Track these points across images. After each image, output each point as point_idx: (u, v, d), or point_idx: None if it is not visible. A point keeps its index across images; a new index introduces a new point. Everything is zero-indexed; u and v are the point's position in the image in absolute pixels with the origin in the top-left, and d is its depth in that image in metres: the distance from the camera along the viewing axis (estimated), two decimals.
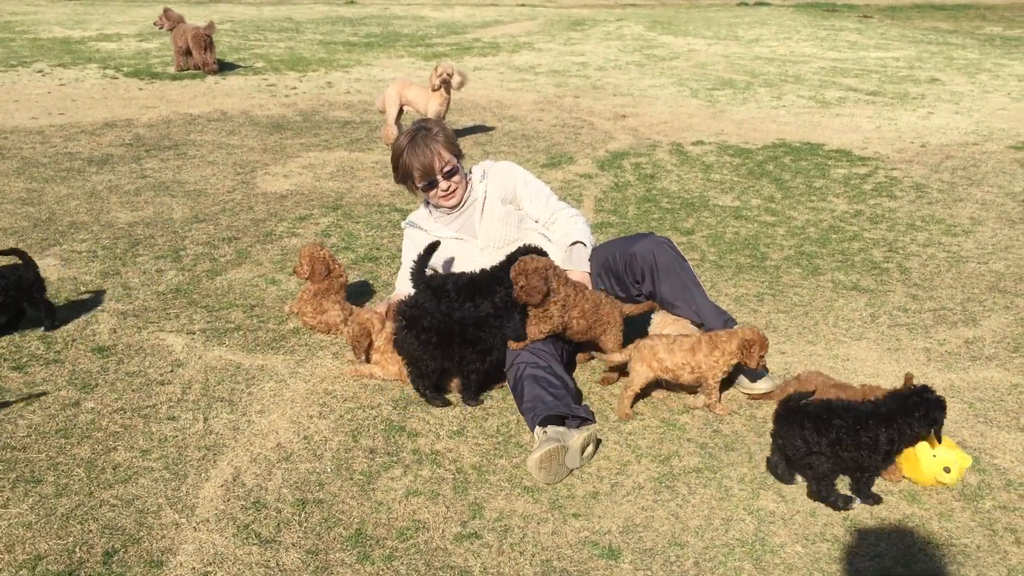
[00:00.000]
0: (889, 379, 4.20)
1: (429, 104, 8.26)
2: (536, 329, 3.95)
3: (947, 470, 3.33)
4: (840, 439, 3.22)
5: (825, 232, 6.22)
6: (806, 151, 8.39)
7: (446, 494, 3.35)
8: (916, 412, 3.25)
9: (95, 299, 4.98)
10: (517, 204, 4.51)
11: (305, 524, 3.17)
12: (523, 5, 23.55)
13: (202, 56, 12.17)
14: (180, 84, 11.60)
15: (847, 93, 11.28)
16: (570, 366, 4.29)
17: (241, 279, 5.30)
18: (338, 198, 6.87)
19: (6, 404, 3.86)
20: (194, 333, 4.60)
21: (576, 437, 3.47)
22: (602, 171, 7.67)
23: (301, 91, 11.25)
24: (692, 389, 4.04)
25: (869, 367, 4.33)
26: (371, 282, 5.30)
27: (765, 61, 13.87)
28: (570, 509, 3.28)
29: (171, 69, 12.59)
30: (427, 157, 4.29)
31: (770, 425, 3.75)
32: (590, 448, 3.55)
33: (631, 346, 3.98)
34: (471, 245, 4.42)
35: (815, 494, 3.31)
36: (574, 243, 4.40)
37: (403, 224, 4.71)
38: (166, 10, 12.61)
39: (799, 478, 3.42)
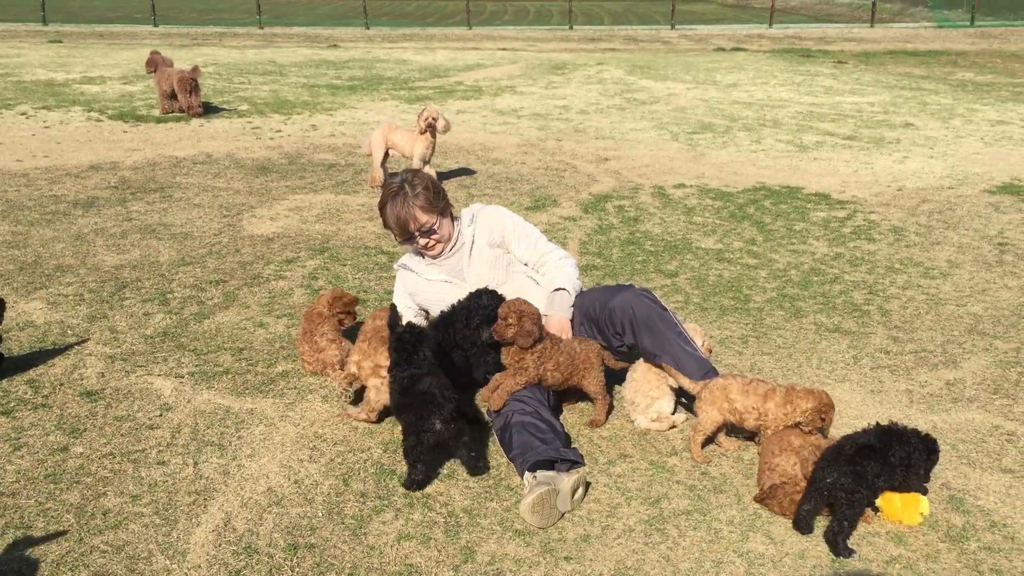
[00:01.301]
0: (872, 421, 4.24)
1: (415, 147, 8.35)
2: (512, 381, 3.99)
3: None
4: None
5: (806, 275, 6.32)
6: (786, 194, 8.52)
7: (438, 538, 3.36)
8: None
9: (82, 343, 4.98)
10: (506, 248, 4.57)
11: (297, 569, 3.17)
12: (504, 49, 23.86)
13: (187, 99, 12.25)
14: (165, 127, 11.66)
15: (824, 137, 11.49)
16: (556, 409, 4.31)
17: (229, 322, 5.32)
18: (325, 241, 6.91)
19: None
20: (182, 377, 4.60)
21: (566, 480, 3.50)
22: (586, 214, 7.77)
23: (286, 134, 11.33)
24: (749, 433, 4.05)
25: (853, 409, 4.39)
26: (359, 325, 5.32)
27: (743, 105, 14.10)
28: (561, 552, 3.30)
29: (156, 112, 12.65)
30: (403, 218, 4.38)
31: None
32: (580, 491, 3.58)
33: (700, 384, 4.00)
34: (461, 289, 4.47)
35: (838, 534, 3.30)
36: (557, 289, 4.46)
37: (395, 266, 4.77)
38: (153, 53, 12.71)
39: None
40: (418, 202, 4.35)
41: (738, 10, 44.04)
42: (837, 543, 3.29)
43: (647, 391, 4.17)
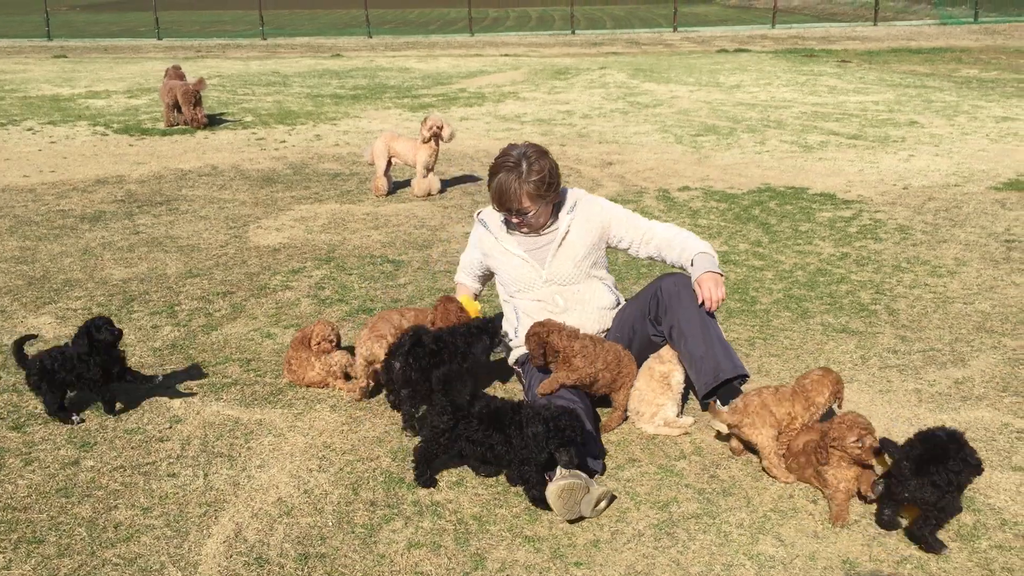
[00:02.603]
0: (881, 421, 4.25)
1: (418, 155, 8.38)
2: (563, 375, 4.02)
3: None
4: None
5: (813, 275, 6.31)
6: (791, 195, 8.52)
7: (448, 545, 3.37)
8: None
9: None
10: (607, 238, 4.47)
11: None
12: (507, 55, 23.90)
13: (191, 112, 12.30)
14: (170, 139, 11.71)
15: (829, 137, 11.48)
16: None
17: (237, 333, 5.34)
18: (330, 250, 6.93)
19: None
20: (191, 389, 4.62)
21: (598, 488, 3.51)
22: None
23: (290, 144, 11.37)
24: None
25: (862, 409, 4.37)
26: None
27: (747, 107, 14.10)
28: (572, 558, 3.30)
29: (160, 125, 12.71)
30: (507, 194, 4.22)
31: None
32: (603, 504, 3.57)
33: (737, 412, 3.84)
34: (535, 273, 4.39)
35: (923, 528, 3.30)
36: (699, 253, 4.29)
37: (475, 215, 4.69)
38: (176, 68, 12.82)
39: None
40: (527, 187, 4.19)
41: (740, 11, 44.06)
42: (926, 539, 3.29)
43: (651, 399, 4.17)
